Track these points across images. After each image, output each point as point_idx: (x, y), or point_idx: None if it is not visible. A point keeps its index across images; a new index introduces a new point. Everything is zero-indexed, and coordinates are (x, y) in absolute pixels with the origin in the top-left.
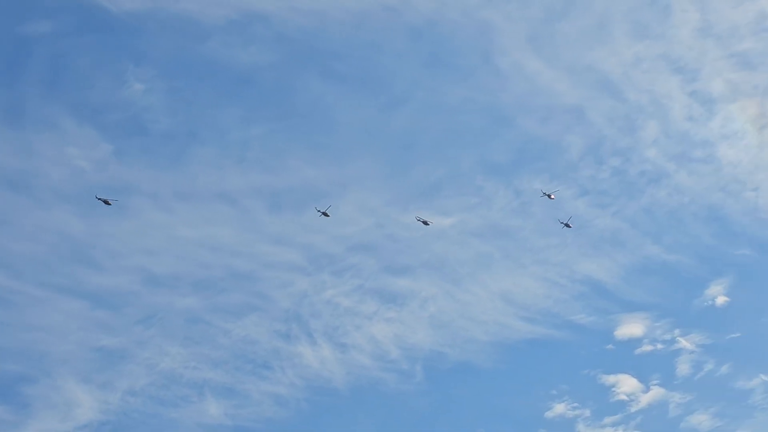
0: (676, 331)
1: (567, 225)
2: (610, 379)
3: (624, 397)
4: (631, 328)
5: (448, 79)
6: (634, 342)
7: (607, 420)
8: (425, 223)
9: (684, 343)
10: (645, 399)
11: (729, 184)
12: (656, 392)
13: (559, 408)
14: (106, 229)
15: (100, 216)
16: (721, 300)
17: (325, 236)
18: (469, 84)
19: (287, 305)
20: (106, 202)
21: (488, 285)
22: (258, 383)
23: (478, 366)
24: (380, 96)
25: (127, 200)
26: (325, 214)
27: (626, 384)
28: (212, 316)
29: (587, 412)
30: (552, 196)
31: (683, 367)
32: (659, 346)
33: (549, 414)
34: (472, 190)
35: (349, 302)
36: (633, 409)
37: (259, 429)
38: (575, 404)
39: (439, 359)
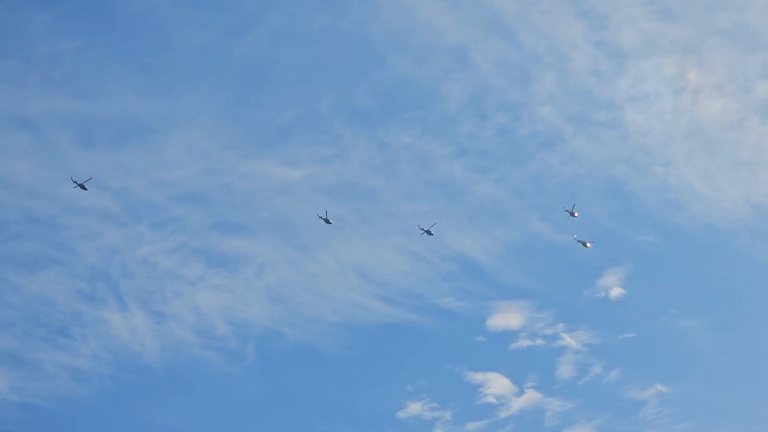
0: (560, 326)
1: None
2: (478, 377)
3: (493, 399)
4: (507, 318)
5: (309, 1)
6: (509, 335)
7: (471, 426)
8: (429, 232)
9: (568, 340)
10: (517, 404)
11: (635, 156)
12: (531, 396)
13: (415, 407)
14: None
15: None
16: (615, 292)
17: (144, 181)
18: (334, 10)
19: (93, 261)
20: (82, 187)
21: (340, 255)
22: (52, 353)
23: (321, 351)
24: (224, 15)
25: None
26: (327, 221)
27: (496, 384)
28: (0, 267)
29: (447, 415)
30: (575, 214)
31: (565, 369)
32: (539, 341)
33: (402, 414)
34: (329, 138)
35: (170, 263)
36: (502, 415)
37: (50, 408)
38: (434, 404)
39: (275, 339)
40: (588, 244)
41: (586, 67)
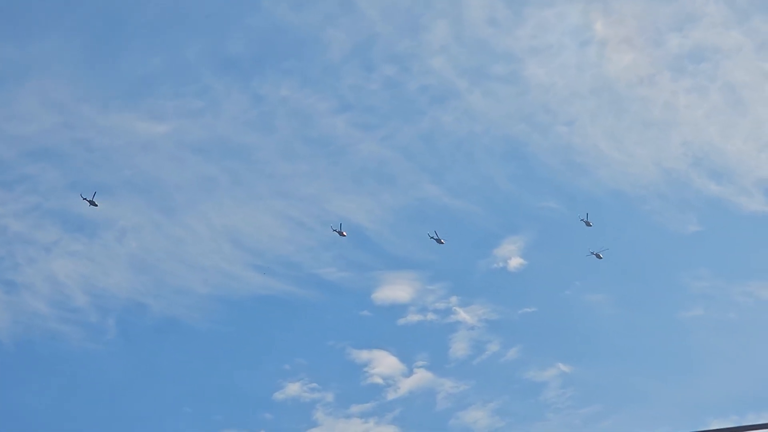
0: (454, 299)
1: (598, 256)
2: (363, 355)
3: (379, 380)
4: (395, 290)
5: None
6: (397, 309)
7: (355, 409)
8: (439, 241)
9: (462, 315)
10: (406, 385)
11: (536, 114)
12: (422, 377)
13: (293, 388)
14: None
15: None
16: (515, 263)
17: None
18: None
19: None
20: (92, 203)
21: (211, 219)
22: None
23: (190, 325)
24: None
25: None
26: (341, 233)
27: (383, 363)
28: None
29: (329, 397)
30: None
31: (459, 347)
32: (430, 316)
33: (279, 395)
34: (197, 89)
35: (21, 226)
36: (390, 397)
37: None
38: (314, 385)
39: (139, 312)
40: (601, 255)
41: (482, 15)
